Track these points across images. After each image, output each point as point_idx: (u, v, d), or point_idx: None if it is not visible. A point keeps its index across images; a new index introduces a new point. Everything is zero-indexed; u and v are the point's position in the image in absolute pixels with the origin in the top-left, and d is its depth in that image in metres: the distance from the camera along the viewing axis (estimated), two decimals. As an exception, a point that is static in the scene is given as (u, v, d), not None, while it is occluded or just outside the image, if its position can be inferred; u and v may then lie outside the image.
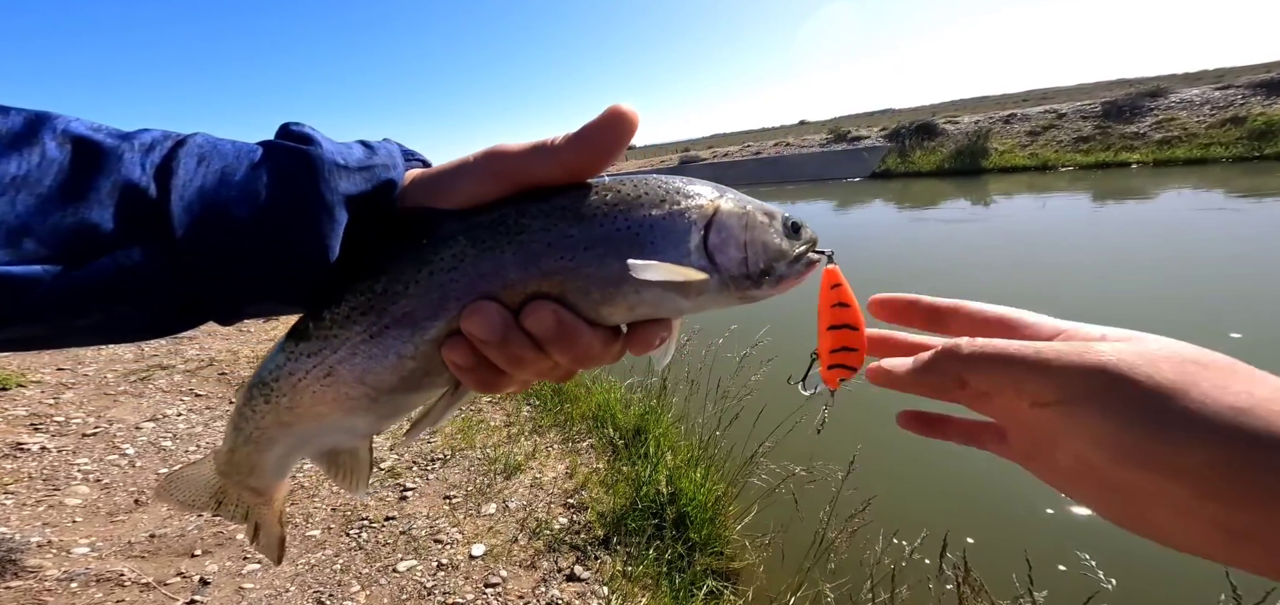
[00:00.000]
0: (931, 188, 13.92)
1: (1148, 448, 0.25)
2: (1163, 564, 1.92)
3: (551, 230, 0.34)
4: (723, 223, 0.36)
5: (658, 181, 0.37)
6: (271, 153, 0.35)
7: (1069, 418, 0.28)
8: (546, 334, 0.34)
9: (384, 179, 0.37)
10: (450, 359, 0.35)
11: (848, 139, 20.78)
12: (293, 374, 0.37)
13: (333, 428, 0.39)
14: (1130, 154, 13.74)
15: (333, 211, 0.34)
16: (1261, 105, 13.26)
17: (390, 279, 0.35)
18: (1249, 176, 10.23)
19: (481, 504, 2.55)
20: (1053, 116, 16.69)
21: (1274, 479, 0.23)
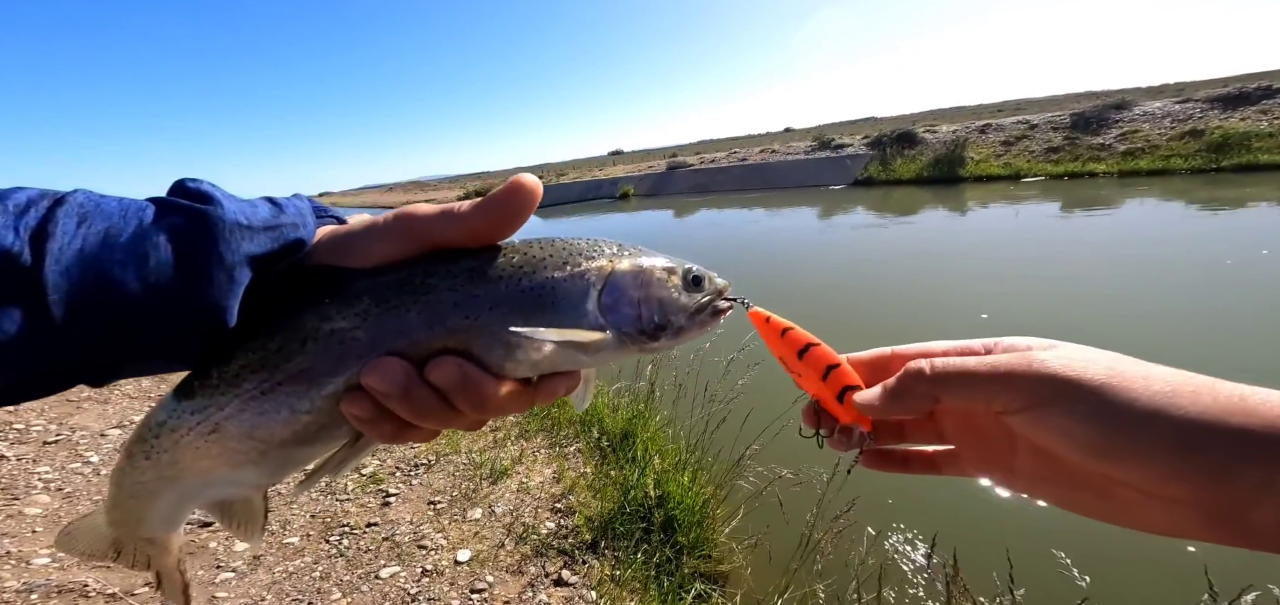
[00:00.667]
0: (911, 196, 14.24)
1: (1109, 440, 0.29)
2: (1135, 562, 2.00)
3: (457, 290, 0.36)
4: (616, 284, 0.38)
5: (563, 245, 0.39)
6: (165, 212, 0.33)
7: (1035, 421, 0.31)
8: (451, 386, 0.35)
9: (292, 238, 0.36)
10: (350, 412, 0.35)
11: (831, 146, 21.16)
12: (175, 431, 0.37)
13: (220, 481, 0.39)
14: (1097, 164, 14.26)
15: (232, 273, 0.33)
16: (1218, 119, 13.92)
17: (286, 337, 0.35)
18: (1207, 188, 10.73)
19: (467, 509, 2.52)
20: (1025, 127, 17.26)
21: (1221, 456, 0.27)
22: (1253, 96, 14.32)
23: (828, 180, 18.78)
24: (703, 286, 0.41)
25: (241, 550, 2.28)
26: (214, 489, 0.40)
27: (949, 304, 5.50)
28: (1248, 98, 14.34)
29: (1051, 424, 0.31)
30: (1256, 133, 12.72)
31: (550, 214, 21.62)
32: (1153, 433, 0.28)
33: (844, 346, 0.42)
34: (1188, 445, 0.27)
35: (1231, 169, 12.09)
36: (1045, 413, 0.31)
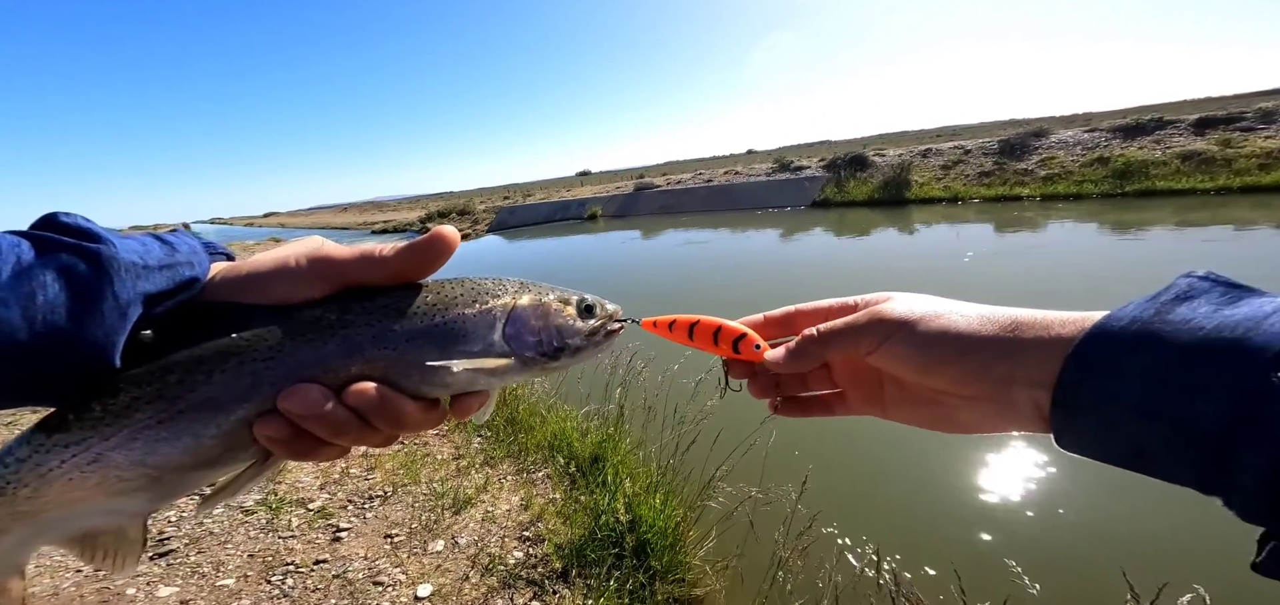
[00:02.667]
0: (865, 217, 15.03)
1: (924, 357, 0.38)
2: (1078, 567, 2.17)
3: (375, 325, 0.39)
4: (517, 316, 0.43)
5: (473, 284, 0.43)
6: (51, 249, 0.33)
7: (883, 355, 0.40)
8: (369, 408, 0.37)
9: (186, 277, 0.37)
10: (264, 434, 0.36)
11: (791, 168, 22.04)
12: (40, 465, 0.36)
13: (93, 511, 0.38)
14: (1022, 188, 15.55)
15: (125, 312, 0.33)
16: (1120, 147, 15.53)
17: (188, 369, 0.36)
18: (1115, 211, 11.93)
19: (428, 541, 2.41)
20: (961, 152, 18.63)
21: (984, 356, 0.36)
22: (1148, 127, 16.09)
23: (788, 202, 19.50)
24: (595, 313, 0.47)
25: (166, 596, 2.08)
26: (81, 520, 0.39)
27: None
28: (1144, 128, 16.09)
29: (892, 354, 0.40)
30: (1153, 161, 14.29)
31: (517, 235, 21.29)
32: (945, 346, 0.37)
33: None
34: (963, 351, 0.37)
35: (1134, 194, 13.49)
36: (888, 347, 0.40)
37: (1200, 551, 2.12)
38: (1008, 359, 0.35)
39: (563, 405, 3.49)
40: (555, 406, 3.49)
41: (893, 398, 0.44)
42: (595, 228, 20.72)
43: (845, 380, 0.47)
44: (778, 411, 0.49)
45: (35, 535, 0.39)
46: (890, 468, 3.02)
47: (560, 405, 3.49)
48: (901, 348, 0.39)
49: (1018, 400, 0.35)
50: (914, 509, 2.68)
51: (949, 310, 0.39)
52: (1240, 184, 12.19)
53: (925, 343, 0.38)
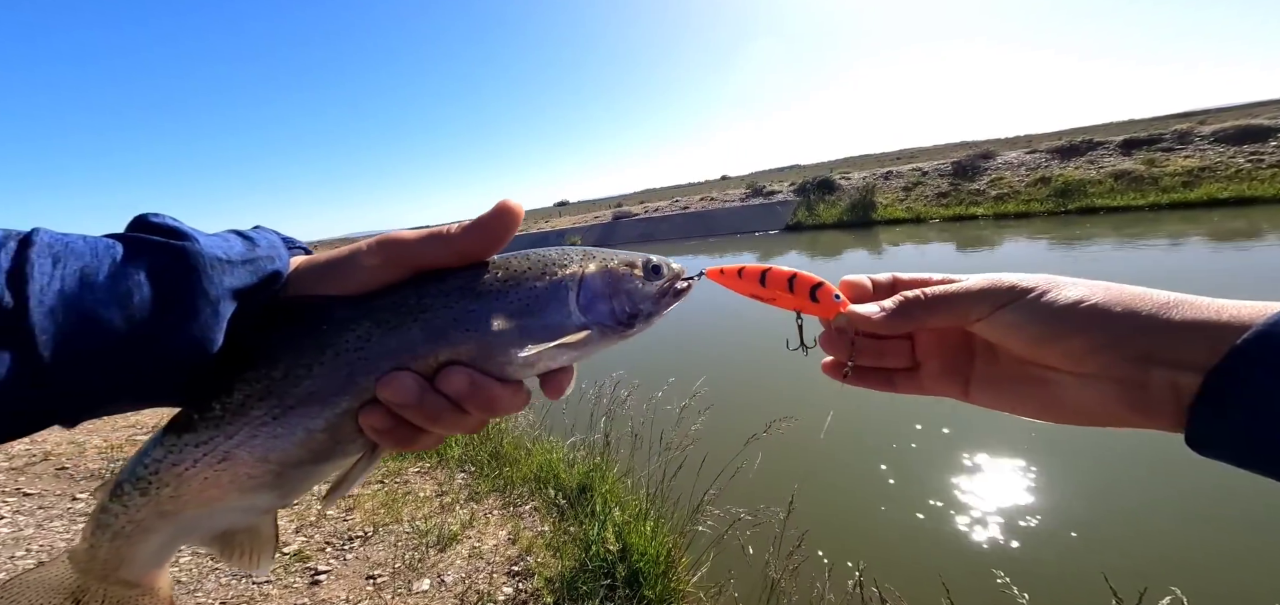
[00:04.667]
0: (835, 239, 15.61)
1: (1045, 327, 0.36)
2: (1063, 576, 2.26)
3: (453, 307, 0.39)
4: (588, 285, 0.43)
5: (538, 256, 0.43)
6: (140, 250, 0.33)
7: (995, 322, 0.38)
8: (462, 394, 0.37)
9: (269, 271, 0.37)
10: (368, 424, 0.37)
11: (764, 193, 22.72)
12: (177, 465, 0.37)
13: (229, 508, 0.39)
14: (976, 208, 16.47)
15: (217, 307, 0.34)
16: (1059, 168, 16.67)
17: (291, 363, 0.37)
18: (1061, 228, 12.75)
19: (412, 581, 2.34)
20: (919, 174, 19.62)
21: (1120, 329, 0.34)
22: (1081, 148, 17.35)
23: (762, 226, 20.04)
24: (661, 273, 0.46)
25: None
26: (218, 518, 0.40)
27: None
28: (1077, 150, 17.35)
29: (1006, 321, 0.37)
30: (1089, 180, 15.38)
31: None
32: (1075, 317, 0.35)
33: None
34: (1096, 323, 0.34)
35: (1076, 211, 14.45)
36: (1003, 314, 0.38)
37: (1178, 556, 2.25)
38: (1150, 336, 0.33)
39: (548, 437, 3.48)
40: (540, 438, 3.47)
41: (983, 376, 0.41)
42: (574, 256, 20.77)
43: (927, 353, 0.44)
44: (845, 379, 0.46)
45: (178, 535, 0.40)
46: (875, 483, 3.10)
47: (545, 437, 3.47)
48: (1019, 315, 0.37)
49: (1153, 383, 0.33)
50: (899, 524, 2.76)
51: (1081, 281, 0.37)
52: (1168, 200, 13.23)
53: (1050, 312, 0.36)
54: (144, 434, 4.05)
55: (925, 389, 0.45)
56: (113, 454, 3.63)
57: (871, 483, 3.11)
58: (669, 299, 0.46)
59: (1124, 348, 0.33)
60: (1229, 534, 2.39)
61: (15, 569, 2.44)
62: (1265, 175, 12.76)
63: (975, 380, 0.42)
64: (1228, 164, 13.74)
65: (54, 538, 2.71)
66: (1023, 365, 0.39)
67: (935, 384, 0.44)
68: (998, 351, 0.40)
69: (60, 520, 2.87)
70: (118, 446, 3.78)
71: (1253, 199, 12.08)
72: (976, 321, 0.39)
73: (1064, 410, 0.37)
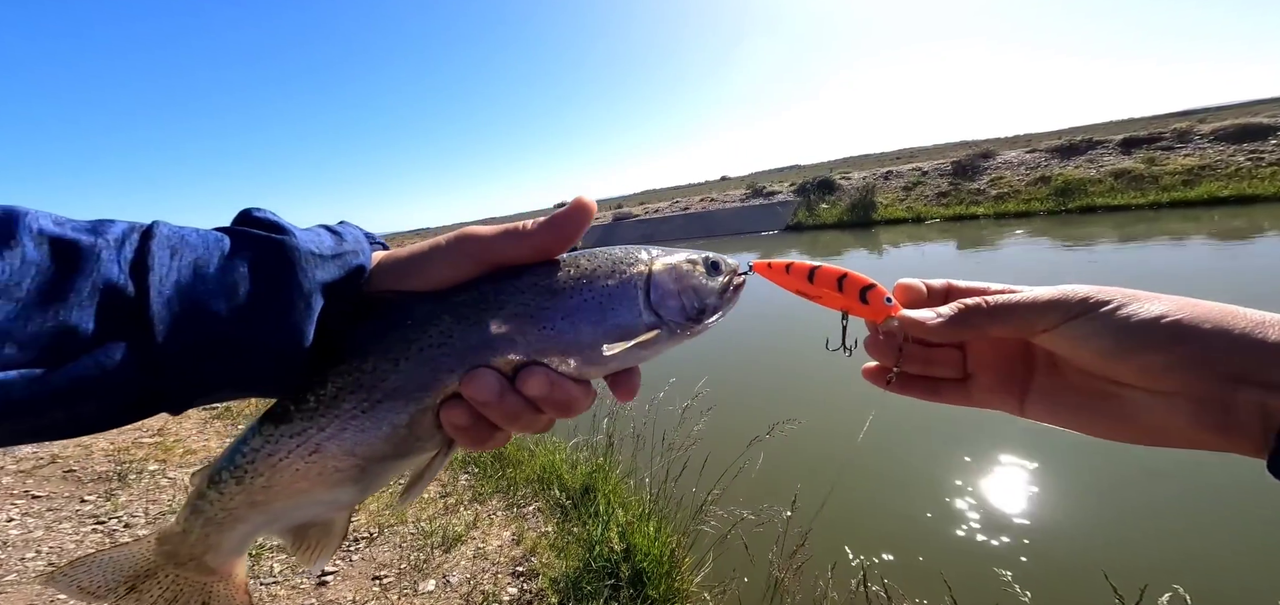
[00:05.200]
0: (836, 239, 15.61)
1: (1123, 340, 0.34)
2: (1066, 574, 2.27)
3: (529, 304, 0.39)
4: (657, 283, 0.43)
5: (605, 255, 0.43)
6: (245, 243, 0.35)
7: (1066, 334, 0.36)
8: (541, 394, 0.38)
9: (354, 265, 0.38)
10: (449, 420, 0.38)
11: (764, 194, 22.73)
12: (272, 455, 0.38)
13: (313, 502, 0.40)
14: (976, 207, 16.44)
15: (310, 301, 0.35)
16: (1059, 167, 16.65)
17: (379, 358, 0.38)
18: (1062, 227, 12.74)
19: (418, 582, 2.36)
20: (919, 174, 19.61)
21: (1204, 344, 0.32)
22: (1081, 148, 17.32)
23: (763, 226, 20.03)
24: (721, 270, 0.46)
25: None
26: (303, 511, 0.41)
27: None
28: (1076, 149, 17.32)
29: (1077, 333, 0.35)
30: (1089, 179, 15.37)
31: None
32: (1155, 331, 0.33)
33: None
34: (1180, 337, 0.32)
35: (1076, 210, 14.44)
36: (1074, 325, 0.36)
37: (1181, 554, 2.26)
38: (1242, 354, 0.31)
39: (551, 437, 3.50)
40: (542, 440, 3.49)
41: (1043, 389, 0.40)
42: (575, 259, 20.84)
43: (980, 364, 0.42)
44: (887, 386, 0.44)
45: (264, 525, 0.41)
46: (877, 482, 3.10)
47: (548, 438, 3.49)
48: (1092, 327, 0.35)
49: (1238, 404, 0.31)
50: (903, 522, 2.76)
51: (1161, 296, 0.35)
52: (1169, 199, 13.22)
53: (1127, 325, 0.34)
54: (150, 436, 4.07)
55: (975, 401, 0.42)
56: (119, 457, 3.65)
57: (874, 482, 3.11)
58: (730, 295, 0.46)
59: (1212, 366, 0.32)
60: (1233, 532, 2.40)
61: (25, 570, 2.46)
62: (1265, 173, 12.75)
63: (1033, 394, 0.40)
64: (1227, 162, 13.73)
65: (63, 539, 2.73)
66: (1090, 380, 0.37)
67: (987, 396, 0.42)
68: (1061, 365, 0.39)
69: (69, 522, 2.89)
70: (124, 448, 3.81)
71: (1253, 197, 12.07)
72: (1043, 333, 0.37)
73: (1134, 428, 0.36)
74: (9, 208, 0.30)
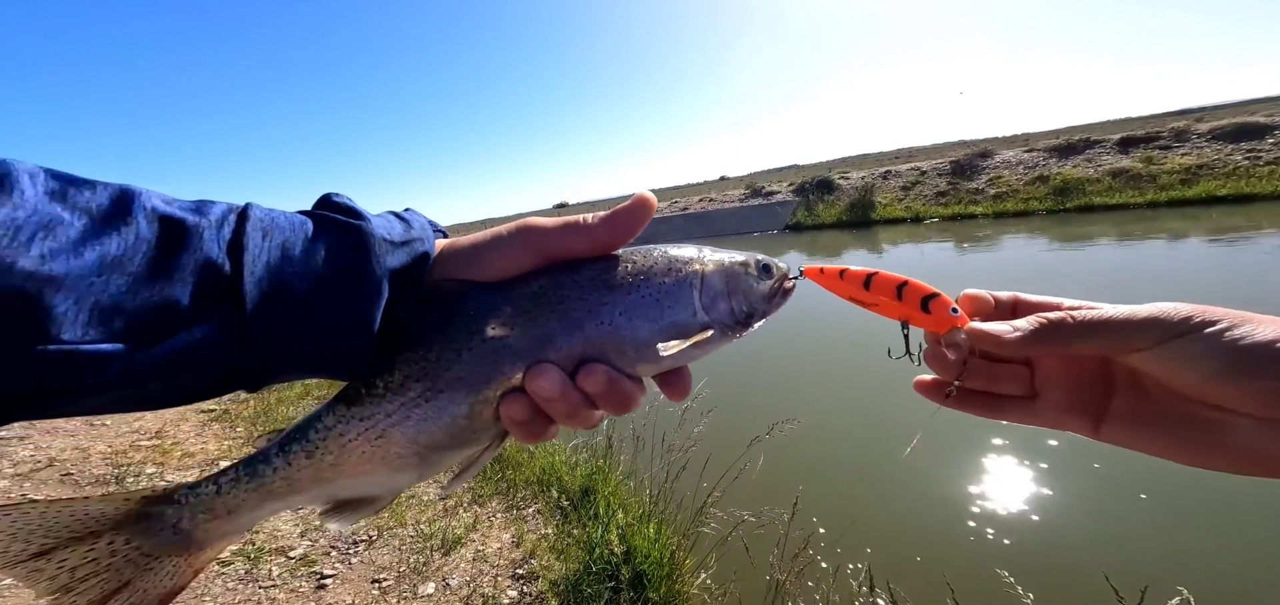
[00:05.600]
0: (836, 239, 15.62)
1: (1236, 363, 0.32)
2: (1068, 575, 2.26)
3: (587, 299, 0.40)
4: (710, 283, 0.43)
5: (660, 252, 0.43)
6: (325, 227, 0.36)
7: (1167, 354, 0.33)
8: (600, 391, 0.38)
9: (420, 251, 0.39)
10: (509, 414, 0.38)
11: (763, 194, 22.75)
12: (343, 435, 0.38)
13: (373, 483, 0.40)
14: (975, 207, 16.48)
15: (380, 285, 0.36)
16: (1057, 166, 16.69)
17: (442, 347, 0.38)
18: (1061, 226, 12.77)
19: (418, 585, 2.36)
20: (918, 174, 19.65)
21: None
22: (1078, 147, 17.36)
23: (762, 226, 20.03)
24: (771, 273, 0.46)
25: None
26: (360, 488, 0.40)
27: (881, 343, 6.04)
28: (1074, 149, 17.36)
29: (1176, 354, 0.33)
30: (1087, 179, 15.41)
31: None
32: (1264, 354, 0.31)
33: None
34: None
35: (1075, 210, 14.48)
36: (1173, 346, 0.33)
37: (1186, 555, 2.25)
38: None
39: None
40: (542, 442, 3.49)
41: (1126, 411, 0.37)
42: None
43: (1049, 382, 0.40)
44: (947, 401, 0.42)
45: (317, 498, 0.41)
46: (878, 483, 3.10)
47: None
48: (1194, 348, 0.33)
49: None
50: (903, 523, 2.76)
51: (1262, 317, 0.33)
52: (1167, 198, 13.26)
53: (1238, 348, 0.32)
54: (148, 439, 4.06)
55: (1043, 420, 0.40)
56: (117, 460, 3.64)
57: (875, 484, 3.11)
58: (779, 299, 0.46)
59: None
60: (1238, 533, 2.39)
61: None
62: (1263, 172, 12.79)
63: (1113, 416, 0.37)
64: (1225, 161, 13.77)
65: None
66: (1186, 403, 0.34)
67: (1058, 416, 0.39)
68: (1148, 386, 0.36)
69: (65, 527, 2.87)
70: (122, 451, 3.79)
71: (1251, 196, 12.10)
72: (1137, 352, 0.35)
73: (1233, 456, 0.33)
74: (125, 187, 0.31)
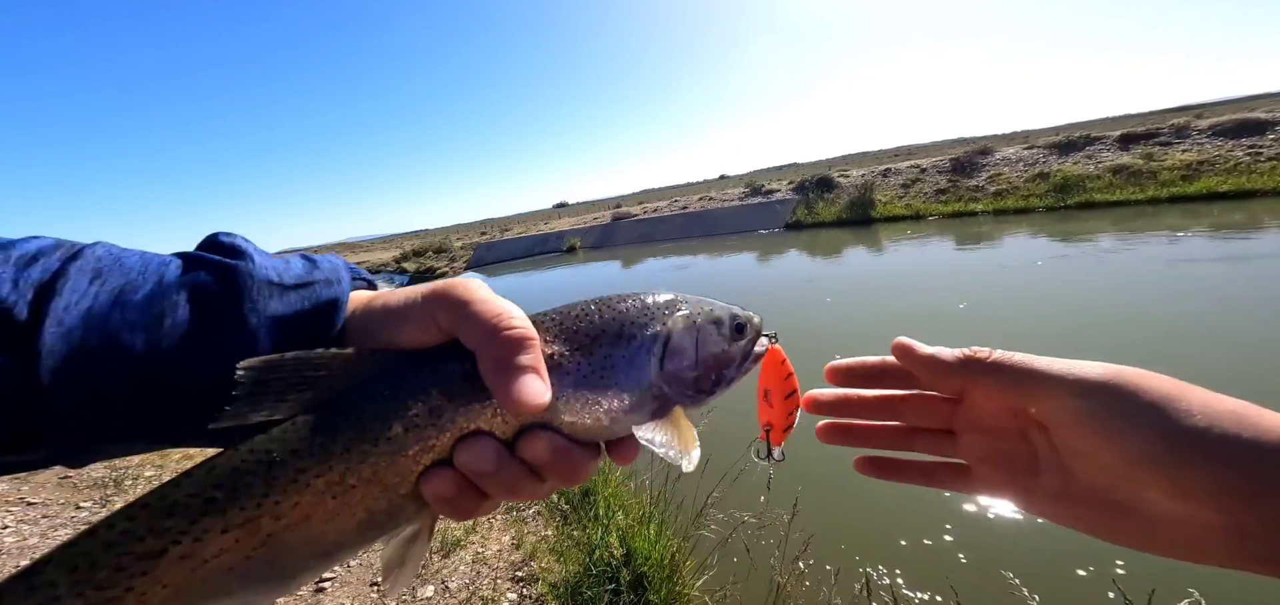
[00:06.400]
0: (836, 237, 15.55)
1: (1167, 447, 0.29)
2: (1073, 577, 2.23)
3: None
4: (675, 349, 0.39)
5: (613, 310, 0.39)
6: (191, 267, 0.32)
7: (1088, 421, 0.31)
8: (542, 460, 0.34)
9: (326, 297, 0.34)
10: (433, 490, 0.33)
11: (762, 192, 22.71)
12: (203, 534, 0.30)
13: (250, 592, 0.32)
14: (975, 204, 16.43)
15: (254, 336, 0.31)
16: (1058, 163, 16.65)
17: (351, 437, 0.32)
18: (1061, 223, 12.73)
19: (417, 587, 2.35)
20: (917, 171, 19.61)
21: (1272, 476, 0.27)
22: (1078, 144, 17.34)
23: (762, 225, 19.95)
24: (745, 332, 0.42)
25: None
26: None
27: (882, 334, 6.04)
28: (1074, 145, 17.34)
29: (1106, 425, 0.31)
30: (1088, 175, 15.37)
31: (497, 271, 21.17)
32: (1209, 446, 0.28)
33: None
34: (1234, 459, 0.28)
35: (1075, 206, 14.44)
36: (1102, 414, 0.31)
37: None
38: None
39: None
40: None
41: (1049, 490, 0.35)
42: (575, 260, 20.81)
43: (981, 449, 0.39)
44: (864, 469, 0.43)
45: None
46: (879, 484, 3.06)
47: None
48: (1125, 423, 0.30)
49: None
50: (906, 525, 2.74)
51: (1215, 400, 0.30)
52: (1168, 194, 13.22)
53: (1171, 429, 0.29)
54: (145, 442, 4.05)
55: (977, 489, 0.40)
56: (117, 464, 3.62)
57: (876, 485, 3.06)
58: (749, 362, 0.42)
59: (1264, 504, 0.27)
60: None
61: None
62: (1264, 168, 12.74)
63: (1040, 492, 0.36)
64: (1226, 158, 13.73)
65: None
66: (1110, 484, 0.32)
67: (992, 486, 0.39)
68: (1072, 466, 0.34)
69: (64, 529, 2.86)
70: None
71: (1252, 192, 12.06)
72: (1048, 406, 0.33)
73: (1147, 543, 0.32)
74: None
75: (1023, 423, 0.37)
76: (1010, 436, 0.37)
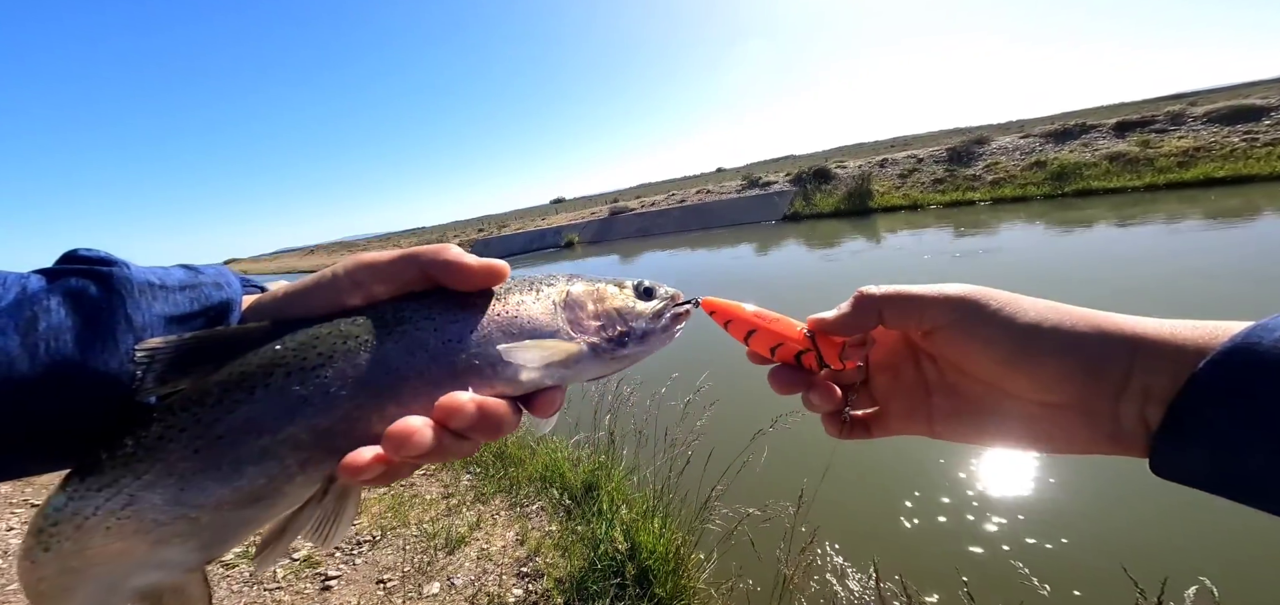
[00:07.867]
0: (834, 228, 15.55)
1: (1016, 345, 0.34)
2: (1084, 566, 2.23)
3: (435, 319, 0.36)
4: (575, 301, 0.41)
5: (523, 275, 0.43)
6: (60, 276, 0.31)
7: (960, 334, 0.36)
8: (469, 425, 0.33)
9: (216, 299, 0.34)
10: (353, 465, 0.32)
11: (760, 185, 22.67)
12: (77, 514, 0.32)
13: (138, 565, 0.33)
14: (973, 193, 16.46)
15: (142, 337, 0.31)
16: (1054, 151, 16.66)
17: (226, 388, 0.32)
18: (1059, 211, 12.75)
19: (423, 584, 2.35)
20: (915, 161, 19.59)
21: (1093, 353, 0.32)
22: (1074, 132, 17.32)
23: (760, 217, 19.97)
24: (654, 296, 0.45)
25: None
26: (132, 577, 0.34)
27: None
28: (1070, 133, 17.31)
29: (970, 337, 0.35)
30: (1084, 163, 15.38)
31: None
32: (1045, 339, 0.33)
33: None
34: (1069, 348, 0.33)
35: (1073, 194, 14.46)
36: (967, 327, 0.36)
37: (1199, 547, 2.21)
38: (1123, 364, 0.31)
39: (552, 436, 3.48)
40: (544, 439, 3.47)
41: (943, 410, 0.40)
42: (573, 255, 20.79)
43: (887, 392, 0.43)
44: (842, 432, 0.44)
45: (102, 594, 0.35)
46: (886, 475, 3.07)
47: (549, 437, 3.48)
48: (987, 331, 0.35)
49: (1124, 414, 0.31)
50: (914, 516, 2.74)
51: (1043, 303, 0.35)
52: (1165, 181, 13.24)
53: (1020, 332, 0.33)
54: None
55: (893, 429, 0.43)
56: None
57: (884, 477, 3.07)
58: (666, 322, 0.44)
59: (1099, 377, 0.32)
60: (1258, 522, 2.37)
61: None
62: (1260, 154, 12.77)
63: (936, 414, 0.40)
64: (1222, 144, 13.74)
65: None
66: (985, 391, 0.37)
67: (903, 423, 0.42)
68: (955, 383, 0.39)
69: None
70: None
71: (1248, 177, 12.10)
72: (935, 330, 0.37)
73: (1030, 439, 0.36)
74: None
75: (915, 352, 0.42)
76: (907, 367, 0.42)
